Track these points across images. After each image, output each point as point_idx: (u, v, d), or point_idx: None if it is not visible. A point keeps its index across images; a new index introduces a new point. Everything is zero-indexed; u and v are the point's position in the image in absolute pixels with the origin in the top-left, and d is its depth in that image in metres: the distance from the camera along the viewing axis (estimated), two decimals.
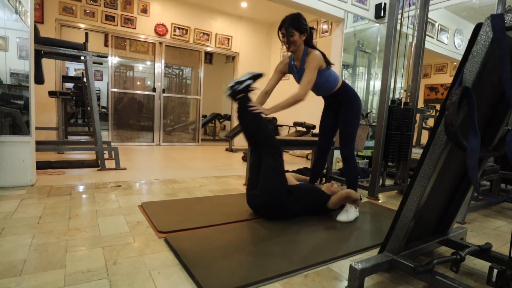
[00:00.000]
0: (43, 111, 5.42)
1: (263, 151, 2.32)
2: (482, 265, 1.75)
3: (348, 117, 2.61)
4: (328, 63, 2.52)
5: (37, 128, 3.07)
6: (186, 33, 6.87)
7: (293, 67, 2.64)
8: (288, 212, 2.29)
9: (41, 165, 3.55)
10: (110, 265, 1.51)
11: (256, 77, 2.47)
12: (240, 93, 2.37)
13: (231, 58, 8.07)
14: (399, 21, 3.15)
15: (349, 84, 2.75)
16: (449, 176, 1.60)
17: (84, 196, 2.66)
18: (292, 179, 2.89)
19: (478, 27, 1.22)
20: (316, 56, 2.43)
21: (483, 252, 1.61)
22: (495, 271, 1.33)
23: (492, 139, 1.47)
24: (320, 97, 2.81)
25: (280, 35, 2.54)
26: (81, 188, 2.89)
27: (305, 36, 2.46)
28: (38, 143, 3.22)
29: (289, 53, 2.61)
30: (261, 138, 2.34)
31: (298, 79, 2.61)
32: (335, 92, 2.61)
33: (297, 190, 2.36)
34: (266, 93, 2.76)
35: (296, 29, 2.43)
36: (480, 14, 5.28)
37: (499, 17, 1.14)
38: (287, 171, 2.99)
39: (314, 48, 2.50)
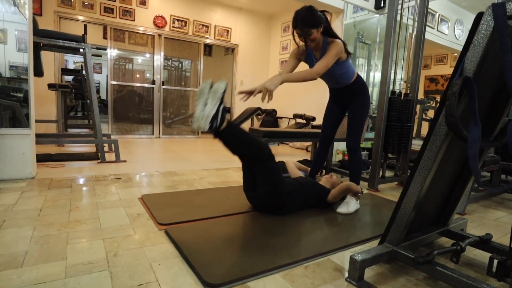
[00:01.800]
0: (43, 104, 5.41)
1: (255, 161, 2.16)
2: (482, 256, 1.75)
3: (359, 109, 2.59)
4: (348, 53, 2.44)
5: (36, 121, 3.06)
6: (185, 25, 6.83)
7: (312, 57, 2.50)
8: (288, 211, 2.28)
9: (41, 158, 3.55)
10: (111, 257, 1.52)
11: (223, 93, 1.90)
12: (222, 124, 1.90)
13: (231, 50, 8.03)
14: (399, 11, 3.13)
15: None
16: (449, 167, 1.60)
17: (84, 188, 2.67)
18: (294, 168, 2.89)
19: (479, 16, 1.21)
20: (338, 44, 2.30)
21: (483, 242, 1.62)
22: (495, 261, 1.33)
23: (493, 130, 1.47)
24: (321, 88, 2.79)
25: (296, 36, 2.36)
26: (81, 181, 2.89)
27: (323, 27, 2.32)
28: (38, 135, 3.22)
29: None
30: (254, 152, 2.11)
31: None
32: (350, 85, 2.56)
33: (297, 190, 2.30)
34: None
35: (312, 26, 2.26)
36: (481, 3, 5.24)
37: (501, 6, 1.12)
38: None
39: (334, 36, 2.37)
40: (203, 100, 1.84)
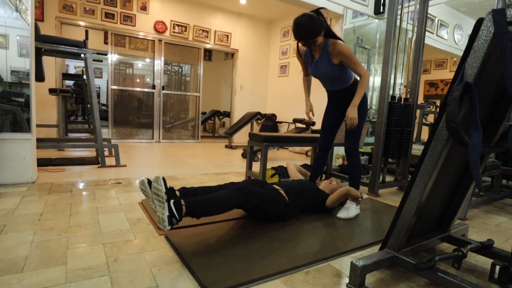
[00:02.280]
0: (44, 108, 5.42)
1: (243, 209, 2.08)
2: (484, 262, 1.74)
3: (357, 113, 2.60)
4: None
5: (37, 126, 3.07)
6: (185, 30, 6.86)
7: (309, 57, 2.54)
8: (288, 219, 2.26)
9: (42, 162, 3.55)
10: (111, 262, 1.51)
11: (166, 191, 1.57)
12: (181, 215, 1.59)
13: (230, 55, 8.05)
14: (398, 16, 3.14)
15: None
16: (450, 172, 1.59)
17: (84, 193, 2.66)
18: (295, 171, 2.88)
19: (479, 22, 1.22)
20: (345, 47, 2.38)
21: (485, 248, 1.61)
22: (497, 267, 1.33)
23: (493, 135, 1.47)
24: (320, 93, 2.79)
25: (300, 43, 2.47)
26: (81, 185, 2.89)
27: (324, 30, 2.35)
28: (38, 140, 3.22)
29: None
30: (230, 207, 1.90)
31: (314, 69, 2.56)
32: (348, 87, 2.58)
33: (293, 199, 2.25)
34: (308, 77, 2.82)
35: (316, 35, 2.30)
36: (481, 9, 5.27)
37: (501, 11, 1.13)
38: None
39: (334, 37, 2.42)
40: (152, 202, 1.64)
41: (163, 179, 1.58)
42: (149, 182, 1.68)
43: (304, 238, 1.94)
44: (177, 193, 1.79)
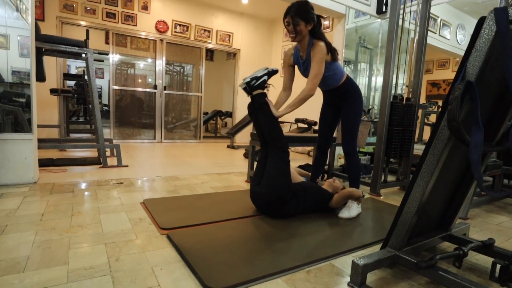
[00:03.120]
0: (45, 108, 5.43)
1: (271, 150, 2.31)
2: (485, 261, 1.74)
3: (350, 112, 2.60)
4: (333, 54, 2.44)
5: (39, 126, 3.07)
6: (187, 30, 6.86)
7: (299, 58, 2.55)
8: (290, 212, 2.27)
9: (43, 163, 3.55)
10: (113, 262, 1.52)
11: (271, 73, 2.39)
12: (256, 88, 2.33)
13: (232, 55, 8.05)
14: (401, 16, 3.13)
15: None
16: (451, 171, 1.59)
17: (86, 193, 2.67)
18: (295, 174, 2.88)
19: (481, 21, 1.21)
20: (320, 47, 2.33)
21: (486, 247, 1.61)
22: (498, 266, 1.33)
23: (495, 134, 1.46)
24: (321, 94, 2.79)
25: (285, 23, 2.42)
26: (83, 186, 2.89)
27: (311, 25, 2.36)
28: (40, 140, 3.23)
29: (293, 44, 2.56)
30: (271, 137, 2.33)
31: (304, 70, 2.57)
32: (339, 87, 2.58)
33: (300, 191, 2.33)
34: (285, 92, 2.68)
35: (302, 18, 2.32)
36: (483, 8, 5.26)
37: (503, 10, 1.13)
38: None
39: (320, 38, 2.39)
40: (257, 70, 2.33)
41: (277, 70, 2.42)
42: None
43: (306, 237, 1.94)
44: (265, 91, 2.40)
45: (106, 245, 1.70)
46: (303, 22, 2.33)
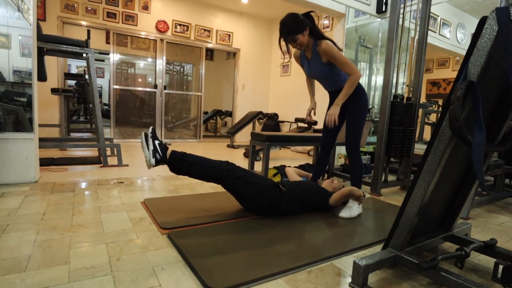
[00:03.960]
0: (46, 108, 5.43)
1: (227, 184, 2.24)
2: (487, 261, 1.74)
3: (355, 112, 2.60)
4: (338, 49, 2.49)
5: (40, 125, 3.07)
6: (187, 30, 6.86)
7: (304, 58, 2.61)
8: (287, 208, 2.27)
9: (44, 162, 3.55)
10: (114, 261, 1.52)
11: (148, 138, 2.09)
12: (165, 154, 2.12)
13: (232, 55, 8.05)
14: (401, 15, 3.13)
15: None
16: (453, 171, 1.59)
17: (87, 192, 2.67)
18: (294, 174, 2.89)
19: (483, 21, 1.21)
20: (329, 45, 2.38)
21: (488, 248, 1.61)
22: (501, 267, 1.32)
23: (497, 134, 1.46)
24: (322, 93, 2.79)
25: (283, 45, 2.49)
26: (84, 185, 2.89)
27: (308, 30, 2.41)
28: (41, 140, 3.23)
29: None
30: (210, 175, 2.20)
31: (308, 69, 2.61)
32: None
33: (292, 185, 2.35)
34: (311, 82, 2.86)
35: (296, 32, 2.38)
36: (483, 7, 5.25)
37: (505, 10, 1.12)
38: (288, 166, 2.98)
39: (322, 37, 2.45)
40: (143, 148, 2.08)
41: (152, 130, 2.11)
42: (146, 135, 2.07)
43: (307, 238, 1.94)
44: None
45: (107, 244, 1.70)
46: (299, 34, 2.39)
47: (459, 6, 5.70)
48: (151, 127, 2.13)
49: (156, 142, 2.09)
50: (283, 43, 2.48)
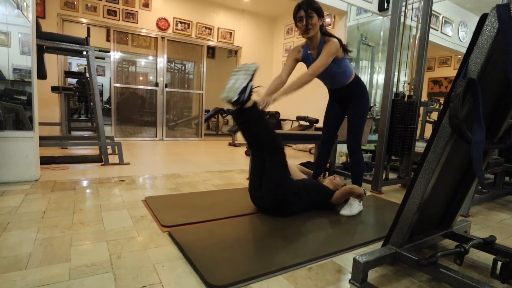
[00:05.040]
0: (46, 106, 5.43)
1: (268, 154, 2.20)
2: (486, 258, 1.74)
3: (358, 110, 2.59)
4: (346, 51, 2.47)
5: (40, 124, 3.08)
6: (188, 28, 6.85)
7: (309, 56, 2.54)
8: (293, 212, 2.27)
9: (45, 160, 3.56)
10: (115, 259, 1.52)
11: (253, 74, 2.12)
12: (247, 100, 2.09)
13: (234, 53, 8.04)
14: (403, 13, 3.12)
15: None
16: (453, 169, 1.59)
17: (88, 190, 2.67)
18: (297, 171, 2.89)
19: (483, 18, 1.21)
20: (334, 42, 2.35)
21: (487, 244, 1.61)
22: (499, 263, 1.32)
23: (496, 131, 1.46)
24: (323, 91, 2.79)
25: (297, 19, 2.38)
26: (85, 183, 2.90)
27: (322, 21, 2.38)
28: (41, 138, 3.23)
29: (303, 42, 2.55)
30: (268, 142, 2.19)
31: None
32: (348, 85, 2.58)
33: (302, 189, 2.31)
34: (281, 81, 2.49)
35: (315, 11, 2.34)
36: (485, 5, 5.22)
37: (505, 7, 1.12)
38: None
39: (331, 35, 2.43)
40: (236, 75, 2.01)
41: (257, 68, 2.05)
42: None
43: (307, 235, 1.94)
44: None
45: (108, 242, 1.71)
46: (316, 15, 2.34)
47: (461, 4, 5.68)
48: (255, 63, 2.08)
49: (250, 84, 1.99)
50: (298, 21, 2.38)
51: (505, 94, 1.43)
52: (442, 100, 6.34)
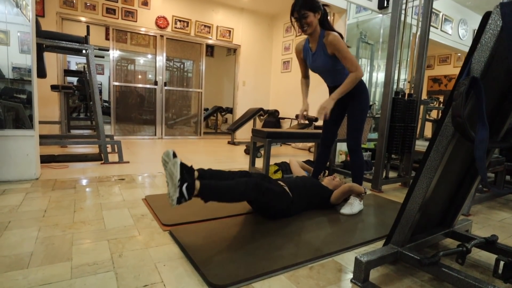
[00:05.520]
0: (46, 105, 5.42)
1: (250, 202, 2.22)
2: (488, 257, 1.74)
3: (357, 108, 2.58)
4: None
5: (40, 122, 3.07)
6: (187, 26, 6.83)
7: (308, 50, 2.56)
8: (292, 215, 2.25)
9: (45, 159, 3.55)
10: (116, 258, 1.52)
11: (182, 173, 1.62)
12: (191, 195, 1.65)
13: (233, 51, 8.03)
14: (403, 11, 3.12)
15: None
16: (455, 168, 1.59)
17: (88, 189, 2.67)
18: (298, 167, 2.88)
19: (487, 16, 1.20)
20: (337, 38, 2.34)
21: (489, 244, 1.61)
22: (502, 263, 1.32)
23: (499, 130, 1.46)
24: (323, 89, 2.78)
25: (293, 20, 2.40)
26: (85, 182, 2.89)
27: (320, 15, 2.37)
28: (41, 137, 3.22)
29: (304, 37, 2.57)
30: (239, 198, 1.96)
31: (311, 62, 2.57)
32: None
33: (298, 195, 2.26)
34: (305, 79, 2.79)
35: (309, 9, 2.32)
36: (486, 3, 5.23)
37: (509, 5, 1.12)
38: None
39: (331, 29, 2.41)
40: (166, 177, 1.67)
41: (181, 165, 1.64)
42: (174, 155, 1.69)
43: (308, 234, 1.94)
44: (196, 173, 1.95)
45: (109, 241, 1.70)
46: (311, 12, 2.33)
47: (462, 1, 5.68)
48: (178, 164, 1.63)
49: (184, 186, 1.60)
50: (294, 21, 2.42)
51: (508, 93, 1.42)
52: (441, 98, 6.34)
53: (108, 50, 6.31)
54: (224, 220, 2.10)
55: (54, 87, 4.92)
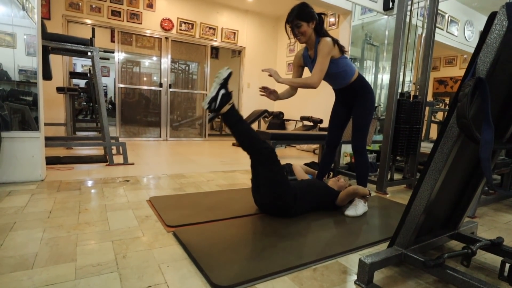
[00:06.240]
0: (51, 107, 5.46)
1: (256, 160, 2.21)
2: (494, 260, 1.73)
3: (362, 110, 2.57)
4: (342, 51, 2.44)
5: (45, 124, 3.09)
6: (192, 28, 6.86)
7: (307, 58, 2.57)
8: (296, 213, 2.26)
9: (51, 161, 3.58)
10: (120, 259, 1.52)
11: (225, 82, 2.13)
12: (221, 106, 2.09)
13: (238, 53, 8.04)
14: (408, 12, 3.10)
15: None
16: (460, 169, 1.58)
17: (93, 191, 2.68)
18: (301, 171, 2.88)
19: (492, 16, 1.20)
20: (326, 41, 2.33)
21: (495, 246, 1.59)
22: (507, 265, 1.31)
23: (504, 131, 1.45)
24: (328, 91, 2.78)
25: (288, 30, 2.47)
26: (90, 183, 2.91)
27: (314, 24, 2.39)
28: (47, 138, 3.24)
29: (303, 45, 2.57)
30: (253, 149, 2.18)
31: (312, 69, 2.55)
32: (351, 84, 2.56)
33: (303, 193, 2.28)
34: (291, 91, 2.66)
35: (302, 19, 2.37)
36: (492, 4, 5.19)
37: None
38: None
39: (326, 35, 2.40)
40: (214, 84, 2.11)
41: (231, 73, 2.09)
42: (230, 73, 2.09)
43: (312, 235, 1.93)
44: (231, 101, 2.14)
45: (113, 242, 1.71)
46: (305, 22, 2.38)
47: (467, 3, 5.64)
48: (229, 71, 2.12)
49: (221, 92, 2.07)
50: (289, 31, 2.48)
51: None
52: (447, 100, 6.30)
53: (113, 52, 6.35)
54: (228, 222, 2.09)
55: (59, 89, 4.95)
